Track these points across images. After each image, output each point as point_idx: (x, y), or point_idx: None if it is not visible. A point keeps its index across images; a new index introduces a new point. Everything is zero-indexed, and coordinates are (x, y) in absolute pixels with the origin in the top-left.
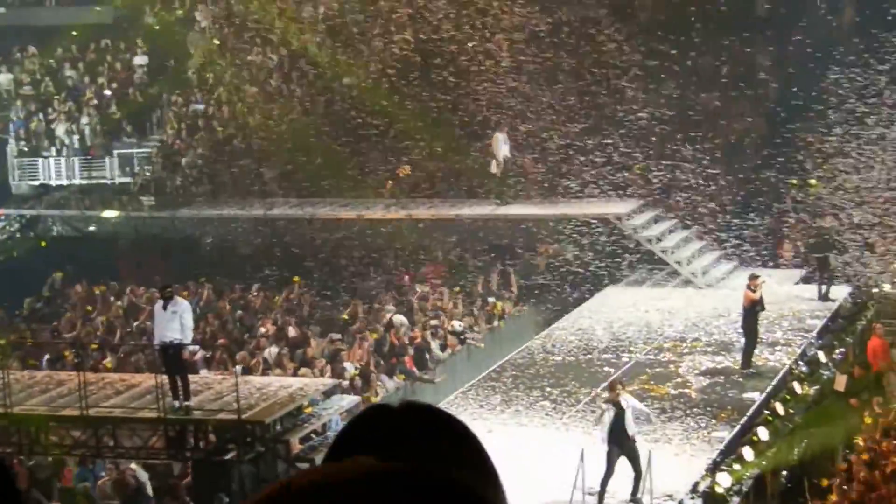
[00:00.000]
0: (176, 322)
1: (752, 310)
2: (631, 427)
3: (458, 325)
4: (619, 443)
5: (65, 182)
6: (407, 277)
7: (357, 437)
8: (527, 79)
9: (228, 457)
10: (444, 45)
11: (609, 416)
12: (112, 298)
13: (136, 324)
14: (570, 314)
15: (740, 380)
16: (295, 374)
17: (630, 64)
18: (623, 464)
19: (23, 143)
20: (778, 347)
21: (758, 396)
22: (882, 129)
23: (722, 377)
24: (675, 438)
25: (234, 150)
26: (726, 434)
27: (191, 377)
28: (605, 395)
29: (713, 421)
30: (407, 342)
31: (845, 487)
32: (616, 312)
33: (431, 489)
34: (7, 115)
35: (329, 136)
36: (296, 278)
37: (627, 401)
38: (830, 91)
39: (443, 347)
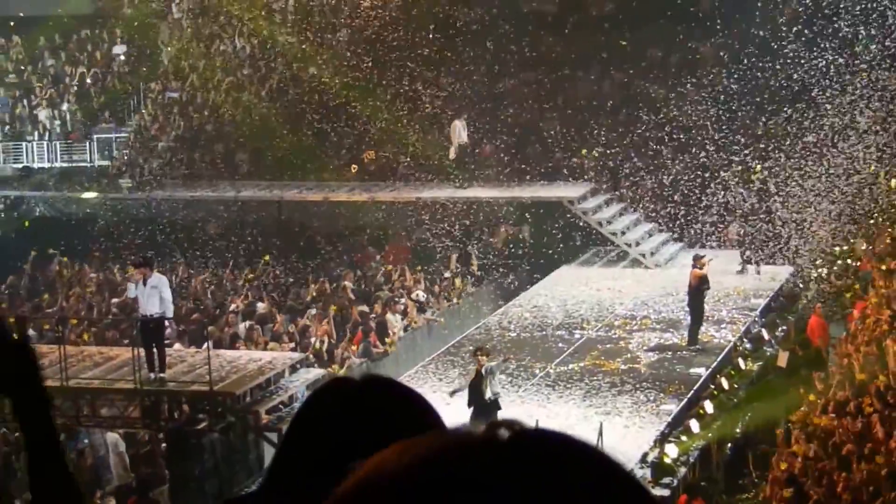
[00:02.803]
0: (156, 297)
1: (699, 289)
2: (487, 392)
3: (421, 294)
4: (479, 406)
5: (47, 165)
6: (375, 256)
7: (320, 408)
8: (485, 68)
9: (200, 426)
10: (404, 35)
11: (468, 380)
12: (91, 276)
13: (115, 300)
14: (526, 292)
15: (687, 356)
16: (264, 349)
17: (582, 53)
18: None
19: (7, 127)
20: (723, 325)
21: (704, 372)
22: (829, 116)
23: (670, 353)
24: (625, 411)
25: (207, 135)
26: (674, 407)
27: (166, 350)
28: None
29: (661, 395)
30: (373, 319)
31: (786, 460)
32: (569, 291)
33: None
34: None
35: (297, 122)
36: (265, 257)
37: (488, 368)
38: (777, 76)
39: (405, 327)
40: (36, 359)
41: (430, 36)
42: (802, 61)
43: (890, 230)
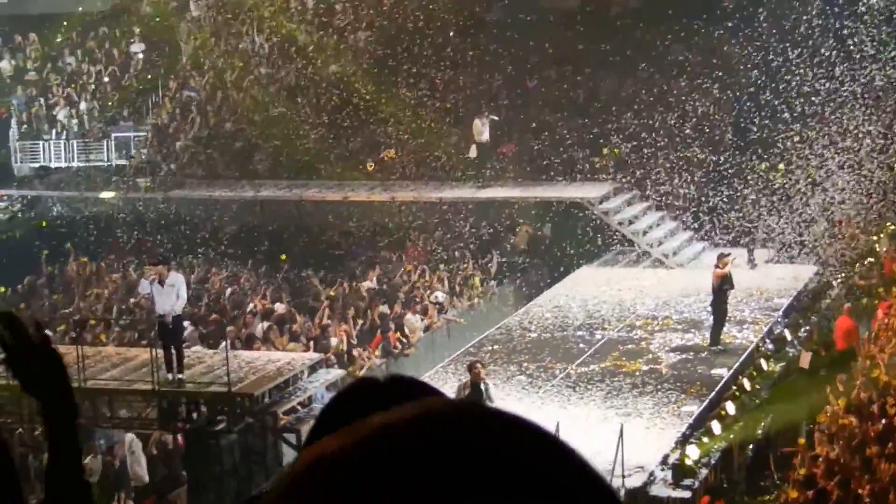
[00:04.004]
0: (172, 296)
1: (721, 289)
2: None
3: (440, 295)
4: None
5: (64, 164)
6: (392, 257)
7: (343, 410)
8: (507, 67)
9: (219, 428)
10: (426, 34)
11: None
12: (109, 276)
13: (132, 301)
14: (547, 292)
15: (709, 356)
16: (283, 350)
17: (604, 52)
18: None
19: (24, 126)
20: (745, 325)
21: (726, 372)
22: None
23: (691, 354)
24: (646, 412)
25: (226, 134)
26: (695, 408)
27: (184, 351)
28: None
29: (683, 396)
30: (392, 320)
31: (808, 462)
32: (590, 291)
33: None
34: (9, 100)
35: (316, 121)
36: (282, 256)
37: (484, 382)
38: (800, 75)
39: (426, 328)
40: (62, 363)
41: (451, 34)
42: (829, 56)
43: None
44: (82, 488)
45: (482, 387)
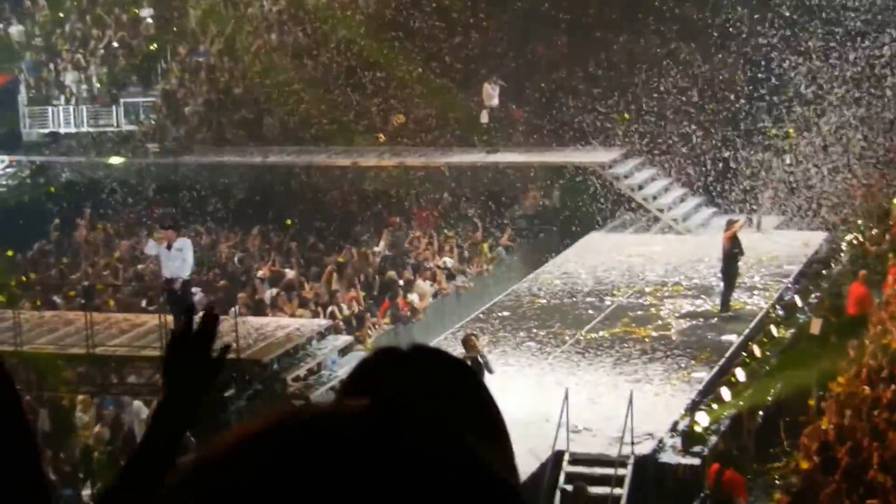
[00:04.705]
0: (179, 260)
1: (731, 253)
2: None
3: (448, 261)
4: None
5: (73, 130)
6: (399, 221)
7: (366, 380)
8: (516, 30)
9: (227, 394)
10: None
11: None
12: (118, 242)
13: (140, 267)
14: (556, 259)
15: (719, 323)
16: (292, 316)
17: (615, 18)
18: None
19: (33, 91)
20: (756, 291)
21: (735, 339)
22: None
23: (701, 320)
24: (656, 379)
25: (235, 99)
26: (705, 375)
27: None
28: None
29: (692, 362)
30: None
31: (818, 428)
32: (599, 257)
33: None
34: (18, 66)
35: (326, 86)
36: (287, 221)
37: (482, 356)
38: (809, 38)
39: (434, 294)
40: (217, 374)
41: None
42: (840, 18)
43: None
44: (159, 483)
45: (480, 360)
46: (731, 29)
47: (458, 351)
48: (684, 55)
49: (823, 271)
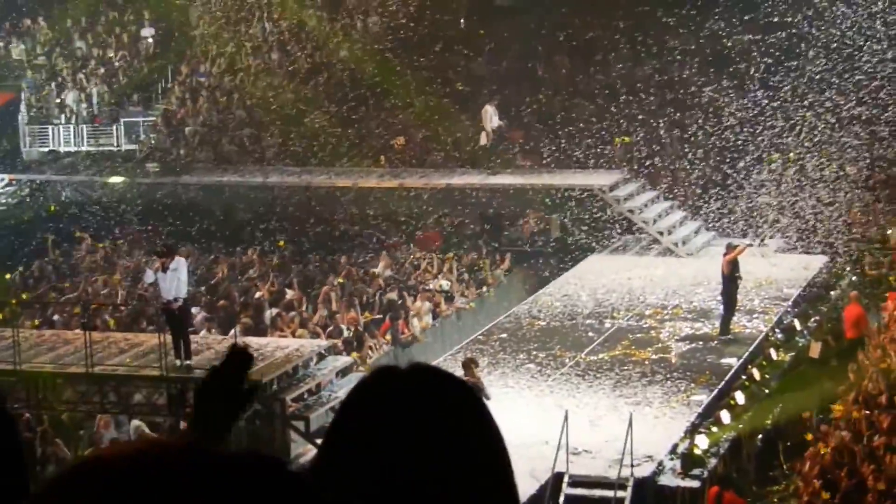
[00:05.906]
0: (175, 281)
1: (731, 278)
2: None
3: (444, 283)
4: None
5: (73, 149)
6: (400, 244)
7: (365, 399)
8: (517, 53)
9: None
10: (435, 22)
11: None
12: (117, 262)
13: (139, 286)
14: (556, 281)
15: (719, 346)
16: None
17: (614, 41)
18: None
19: (34, 110)
20: (755, 315)
21: (735, 362)
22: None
23: (701, 343)
24: (656, 401)
25: (235, 119)
26: (705, 398)
27: (191, 337)
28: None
29: (692, 385)
30: (401, 307)
31: (817, 452)
32: (599, 280)
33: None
34: (19, 85)
35: (326, 107)
36: (280, 242)
37: (480, 382)
38: (814, 61)
39: (433, 315)
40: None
41: (461, 20)
42: (838, 46)
43: None
44: None
45: (479, 386)
46: (732, 54)
47: (457, 374)
48: (685, 77)
49: (823, 295)
